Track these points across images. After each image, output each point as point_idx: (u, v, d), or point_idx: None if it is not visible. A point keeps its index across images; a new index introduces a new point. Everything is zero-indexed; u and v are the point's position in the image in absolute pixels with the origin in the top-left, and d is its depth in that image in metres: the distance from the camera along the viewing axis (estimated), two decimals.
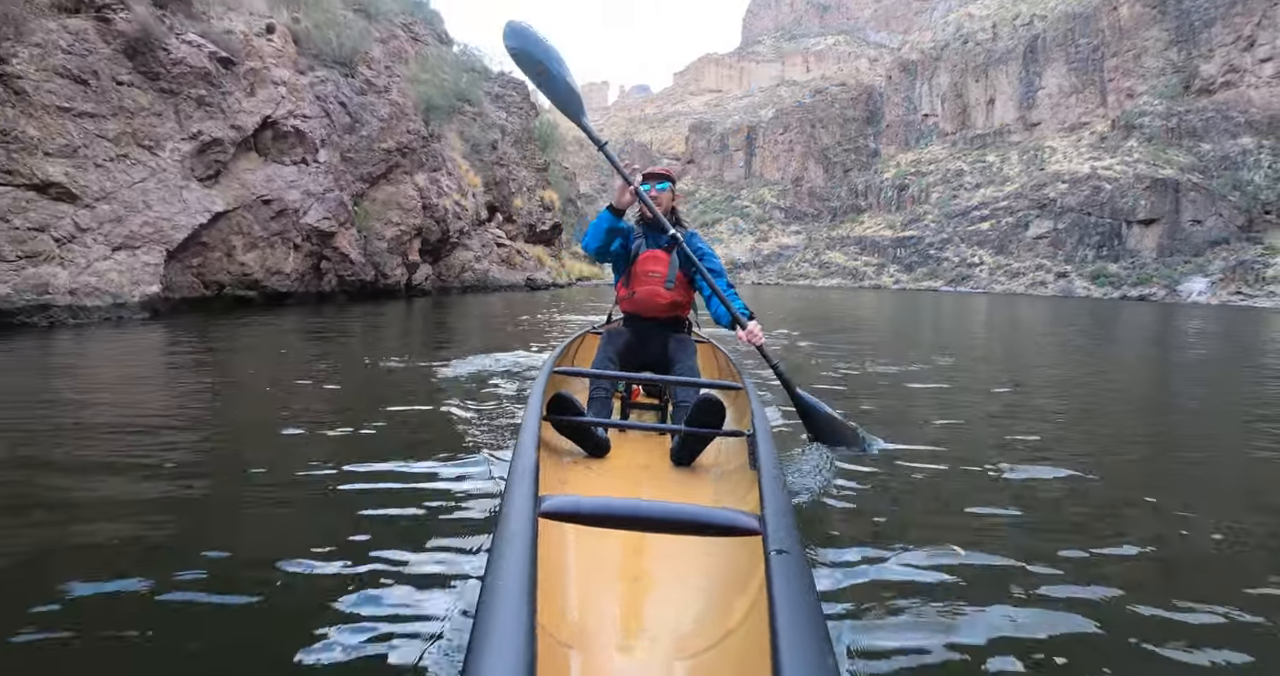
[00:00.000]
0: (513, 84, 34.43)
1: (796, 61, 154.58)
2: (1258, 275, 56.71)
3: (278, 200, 12.63)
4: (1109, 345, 11.58)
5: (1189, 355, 10.05)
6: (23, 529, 2.25)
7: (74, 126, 9.21)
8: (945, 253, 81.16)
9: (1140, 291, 62.34)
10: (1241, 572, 2.16)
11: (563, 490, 2.14)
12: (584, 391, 3.14)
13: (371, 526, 2.19)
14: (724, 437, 2.57)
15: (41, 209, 8.59)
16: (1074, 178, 74.60)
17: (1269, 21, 71.90)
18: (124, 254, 9.47)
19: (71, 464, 2.96)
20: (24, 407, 4.05)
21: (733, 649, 1.26)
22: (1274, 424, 4.79)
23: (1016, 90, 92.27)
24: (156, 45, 10.64)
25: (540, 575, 1.10)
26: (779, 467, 1.73)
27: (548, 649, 1.20)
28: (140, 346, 7.17)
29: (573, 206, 45.90)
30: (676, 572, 1.61)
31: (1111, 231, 70.01)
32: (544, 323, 11.84)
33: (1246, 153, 68.72)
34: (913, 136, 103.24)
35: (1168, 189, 68.02)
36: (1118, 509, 2.85)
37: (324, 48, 16.10)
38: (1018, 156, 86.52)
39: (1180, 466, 3.66)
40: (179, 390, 4.96)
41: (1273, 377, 7.75)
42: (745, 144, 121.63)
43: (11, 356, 6.20)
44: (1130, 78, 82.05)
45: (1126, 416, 5.19)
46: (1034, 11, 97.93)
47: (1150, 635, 1.74)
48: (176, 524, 2.30)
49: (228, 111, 11.66)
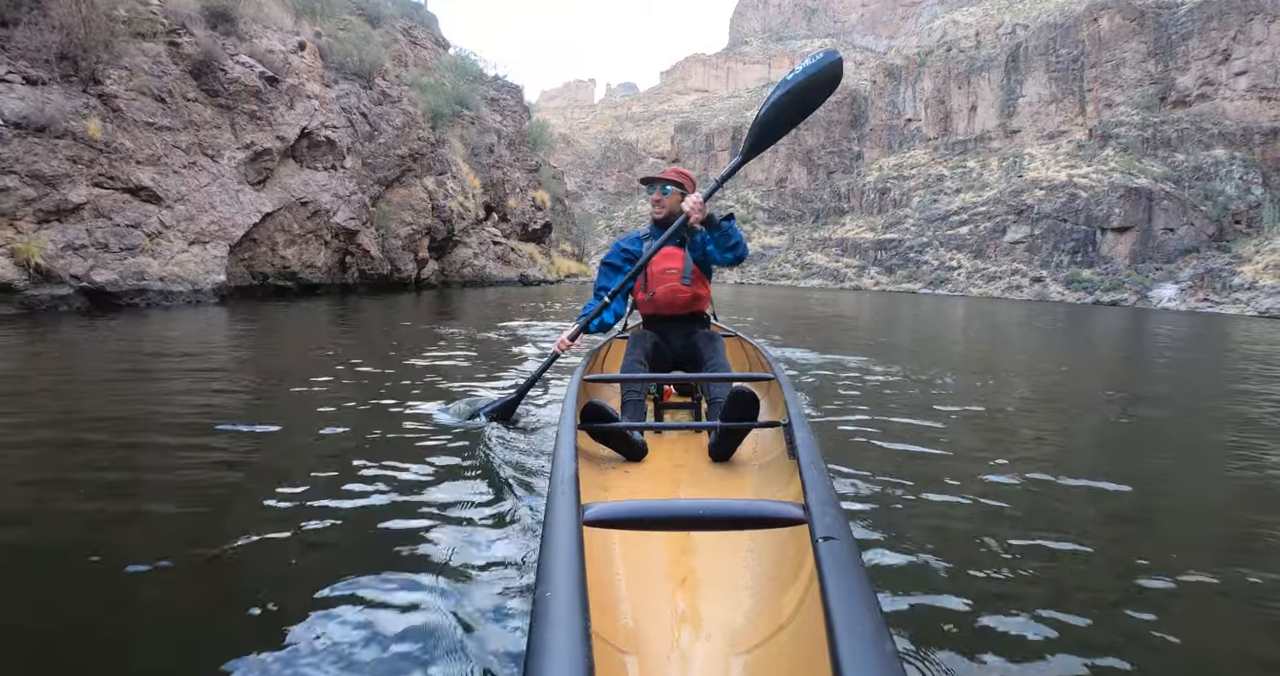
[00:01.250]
0: (507, 88, 36.25)
1: (783, 63, 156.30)
2: (1224, 283, 58.49)
3: (313, 202, 14.43)
4: (1115, 352, 11.89)
5: (1222, 372, 9.50)
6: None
7: (156, 138, 11.00)
8: (925, 256, 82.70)
9: (1112, 297, 63.75)
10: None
11: (604, 497, 2.15)
12: (616, 397, 3.17)
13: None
14: (760, 429, 2.57)
15: (135, 209, 10.38)
16: (1051, 185, 76.04)
17: (1244, 36, 73.56)
18: (197, 248, 11.27)
19: (175, 418, 3.74)
20: (144, 374, 5.13)
21: (789, 640, 1.26)
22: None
23: (998, 97, 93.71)
24: (216, 66, 12.42)
25: (590, 583, 1.11)
26: (819, 455, 1.74)
27: (604, 656, 1.19)
28: (218, 322, 9.01)
29: (561, 206, 47.55)
30: (725, 569, 1.60)
31: (1086, 238, 71.71)
32: (545, 313, 13.70)
33: (1219, 164, 70.76)
34: (896, 141, 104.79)
35: (1141, 197, 69.79)
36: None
37: (345, 61, 17.88)
38: (997, 163, 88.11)
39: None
40: (252, 365, 5.92)
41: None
42: (731, 144, 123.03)
43: (129, 327, 8.02)
44: (1109, 88, 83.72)
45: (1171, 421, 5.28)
46: (1017, 21, 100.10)
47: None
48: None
49: (274, 123, 13.45)
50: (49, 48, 9.72)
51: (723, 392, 2.90)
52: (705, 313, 3.49)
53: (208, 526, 2.31)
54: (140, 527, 2.33)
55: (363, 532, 2.31)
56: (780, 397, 2.66)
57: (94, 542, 2.17)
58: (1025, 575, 2.01)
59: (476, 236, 25.72)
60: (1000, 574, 2.01)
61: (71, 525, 2.35)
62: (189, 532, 2.26)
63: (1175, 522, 2.77)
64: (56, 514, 2.47)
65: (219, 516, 2.41)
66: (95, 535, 2.24)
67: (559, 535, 1.21)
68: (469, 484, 2.82)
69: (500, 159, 29.74)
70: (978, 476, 3.01)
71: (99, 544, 2.16)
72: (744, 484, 2.33)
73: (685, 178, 3.40)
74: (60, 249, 9.03)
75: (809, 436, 1.91)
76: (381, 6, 30.45)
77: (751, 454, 2.60)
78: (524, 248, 32.65)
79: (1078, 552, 2.21)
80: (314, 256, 14.68)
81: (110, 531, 2.30)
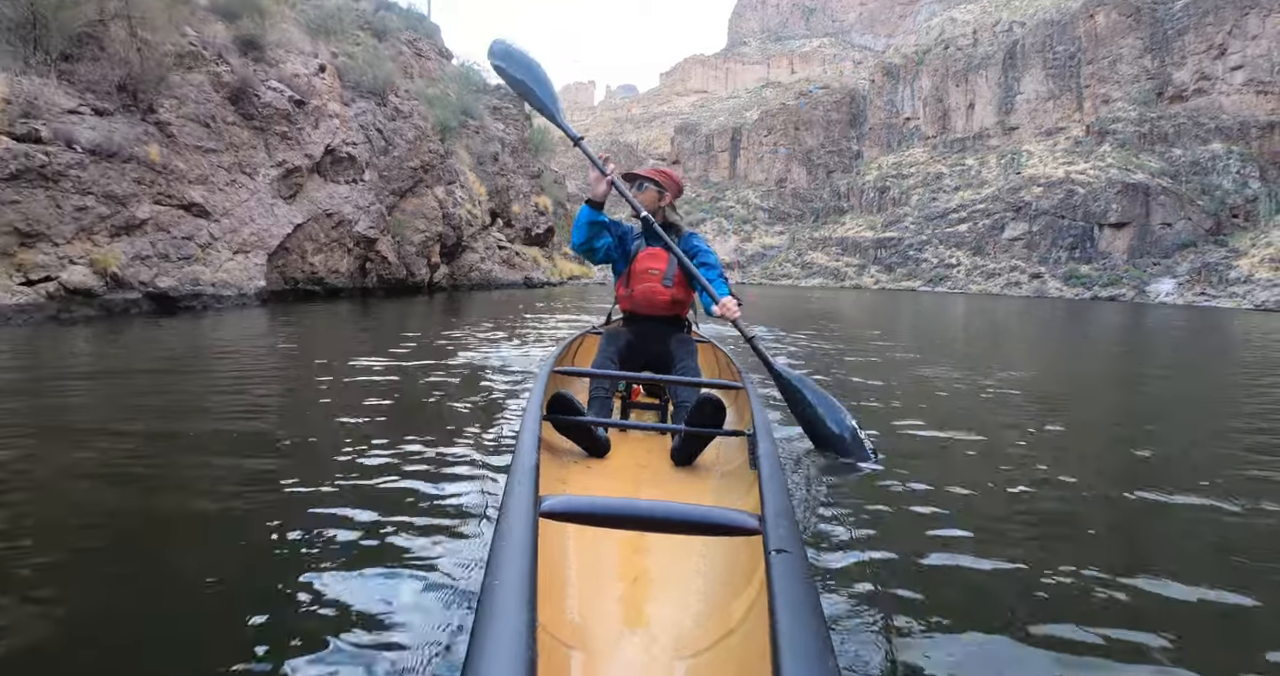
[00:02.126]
0: (509, 97, 37.56)
1: (782, 63, 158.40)
2: (1220, 276, 59.30)
3: (336, 213, 15.85)
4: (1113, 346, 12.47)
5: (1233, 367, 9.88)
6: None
7: (204, 160, 12.44)
8: (924, 254, 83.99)
9: (1110, 292, 64.73)
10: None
11: (563, 490, 2.15)
12: (584, 391, 3.20)
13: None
14: (724, 437, 2.60)
15: (189, 223, 11.82)
16: (1049, 181, 77.25)
17: (1239, 31, 74.58)
18: (241, 257, 12.71)
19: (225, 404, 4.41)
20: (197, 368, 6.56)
21: (733, 648, 1.27)
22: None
23: (996, 95, 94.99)
24: (251, 93, 13.85)
25: (540, 575, 1.12)
26: (779, 467, 1.77)
27: (548, 649, 1.20)
28: (261, 322, 10.43)
29: (562, 209, 48.92)
30: (677, 572, 1.62)
31: (1084, 234, 72.80)
32: (542, 311, 15.10)
33: (1216, 158, 71.61)
34: (894, 139, 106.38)
35: (1139, 193, 70.78)
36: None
37: (360, 80, 19.31)
38: (995, 160, 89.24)
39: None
40: (277, 366, 6.61)
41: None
42: (730, 145, 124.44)
43: (190, 326, 9.45)
44: (1106, 84, 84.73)
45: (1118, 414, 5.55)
46: (1014, 18, 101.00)
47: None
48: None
49: (302, 143, 14.89)
50: (109, 80, 11.16)
51: (690, 397, 2.92)
52: (685, 318, 3.53)
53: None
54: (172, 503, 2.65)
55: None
56: (747, 407, 2.70)
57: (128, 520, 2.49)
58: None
59: (483, 241, 27.14)
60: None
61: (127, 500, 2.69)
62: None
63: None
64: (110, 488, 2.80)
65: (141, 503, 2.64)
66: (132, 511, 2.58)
67: (513, 525, 1.23)
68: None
69: (504, 166, 31.18)
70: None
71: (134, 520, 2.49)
72: (703, 489, 2.35)
73: (666, 177, 3.47)
74: (130, 259, 10.46)
75: (771, 448, 1.95)
76: (387, 20, 31.89)
77: (714, 460, 2.64)
78: (528, 251, 34.05)
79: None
80: (338, 263, 16.09)
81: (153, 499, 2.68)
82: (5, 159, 8.99)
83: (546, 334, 9.66)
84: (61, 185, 9.64)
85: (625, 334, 3.42)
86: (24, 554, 2.17)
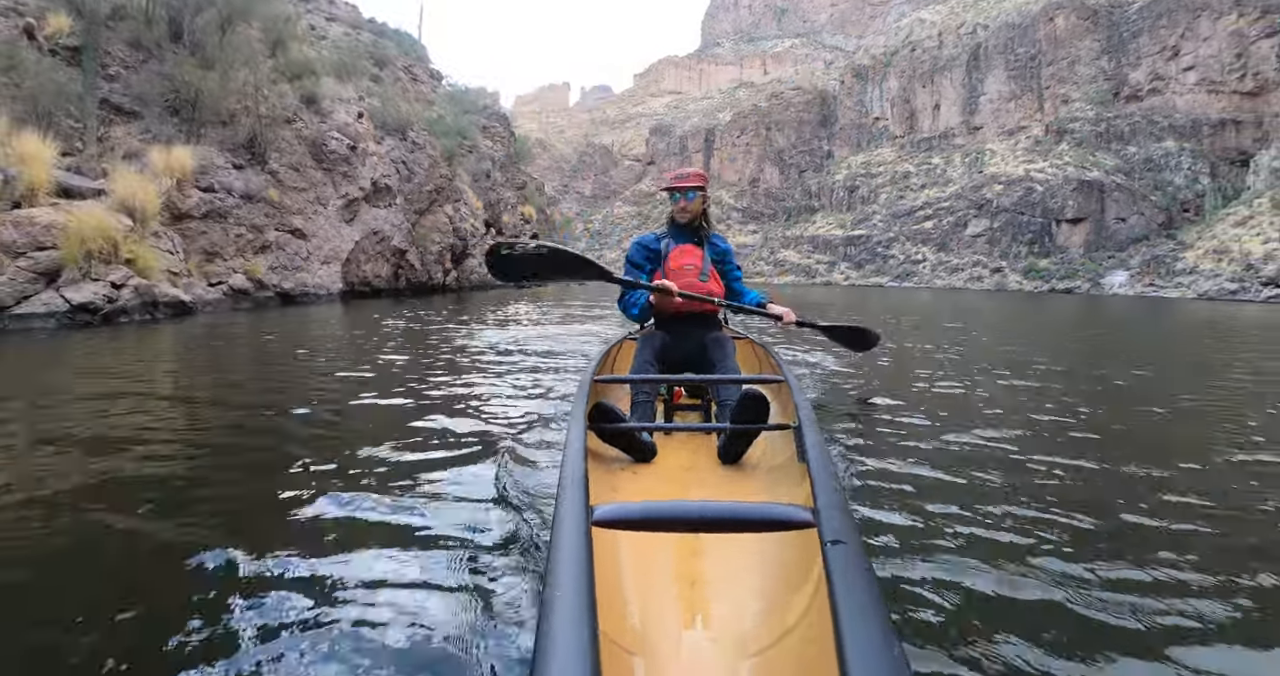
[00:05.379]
0: (496, 117, 43.10)
1: (755, 64, 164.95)
2: (1168, 268, 62.33)
3: (379, 231, 21.23)
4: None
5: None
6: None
7: (299, 196, 17.79)
8: (891, 250, 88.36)
9: (1067, 285, 67.52)
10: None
11: (613, 497, 2.22)
12: (626, 398, 3.30)
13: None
14: (770, 432, 2.66)
15: (293, 243, 17.17)
16: (1009, 179, 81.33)
17: (1191, 33, 78.06)
18: (326, 266, 18.08)
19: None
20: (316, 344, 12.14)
21: (796, 644, 1.29)
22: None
23: (960, 95, 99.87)
24: (321, 143, 19.20)
25: (598, 583, 1.16)
26: (828, 459, 1.82)
27: (611, 656, 1.22)
28: (337, 312, 15.80)
29: (544, 215, 54.05)
30: (734, 571, 1.65)
31: (1042, 229, 76.30)
32: (543, 305, 20.50)
33: (1169, 155, 75.22)
34: (864, 139, 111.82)
35: (1094, 190, 74.35)
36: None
37: (386, 120, 24.66)
38: (960, 159, 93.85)
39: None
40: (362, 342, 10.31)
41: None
42: (704, 146, 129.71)
43: (294, 319, 14.82)
44: (1065, 84, 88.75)
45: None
46: (978, 20, 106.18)
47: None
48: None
49: (356, 178, 20.25)
50: (237, 141, 16.47)
51: (733, 395, 2.99)
52: (718, 313, 3.65)
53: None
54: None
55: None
56: (790, 400, 2.78)
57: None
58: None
59: (480, 248, 32.49)
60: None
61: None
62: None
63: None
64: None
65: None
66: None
67: (567, 535, 1.29)
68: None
69: (495, 182, 36.61)
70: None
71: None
72: (753, 486, 2.39)
73: (705, 179, 3.63)
74: (267, 269, 15.82)
75: (819, 439, 2.01)
76: (386, 48, 36.97)
77: (761, 456, 2.67)
78: None
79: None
80: (380, 269, 21.46)
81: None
82: (200, 205, 14.37)
83: (555, 324, 13.98)
84: (227, 220, 15.03)
85: (661, 336, 3.50)
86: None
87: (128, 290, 10.98)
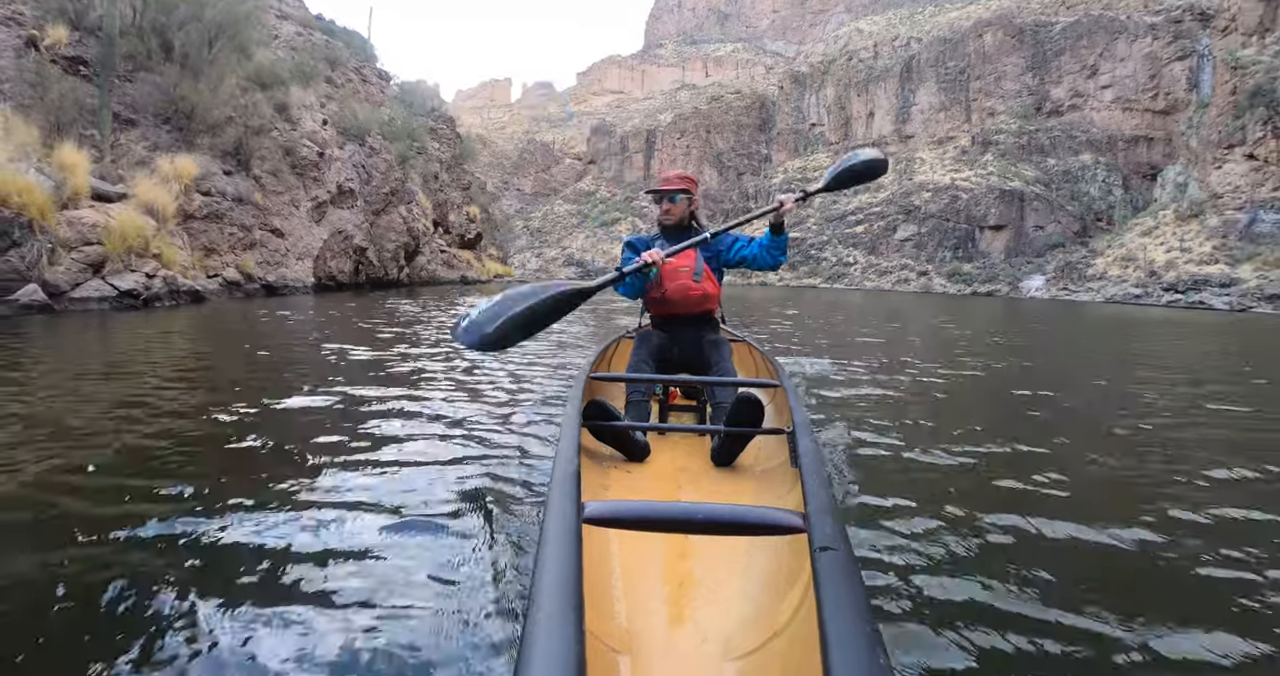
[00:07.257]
0: (443, 119, 45.57)
1: (697, 66, 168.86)
2: (1080, 274, 66.73)
3: (343, 231, 23.82)
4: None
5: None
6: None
7: (276, 199, 20.36)
8: (825, 253, 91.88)
9: (988, 288, 71.15)
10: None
11: (604, 495, 2.24)
12: (622, 396, 3.34)
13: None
14: (764, 436, 2.70)
15: (274, 240, 19.75)
16: (936, 187, 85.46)
17: (1110, 53, 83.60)
18: (299, 262, 20.68)
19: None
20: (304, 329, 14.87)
21: (782, 648, 1.31)
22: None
23: (893, 105, 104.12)
24: (295, 150, 21.74)
25: (586, 581, 1.16)
26: (821, 464, 1.83)
27: (597, 655, 1.24)
28: (317, 303, 18.47)
29: (487, 214, 56.40)
30: (722, 573, 1.67)
31: (966, 236, 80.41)
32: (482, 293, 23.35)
33: (1085, 168, 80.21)
34: (801, 144, 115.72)
35: (1015, 199, 78.70)
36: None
37: (347, 127, 27.15)
38: (892, 166, 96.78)
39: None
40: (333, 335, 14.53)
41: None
42: (645, 146, 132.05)
43: (283, 307, 17.49)
44: (991, 98, 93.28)
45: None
46: (912, 34, 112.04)
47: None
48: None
49: (324, 182, 22.84)
50: (224, 149, 18.95)
51: (728, 397, 3.01)
52: (714, 314, 3.70)
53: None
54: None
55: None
56: (786, 405, 2.82)
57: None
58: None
59: (429, 247, 35.08)
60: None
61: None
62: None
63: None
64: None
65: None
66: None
67: (557, 532, 1.29)
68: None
69: (443, 183, 39.22)
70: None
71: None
72: (745, 489, 2.42)
73: (690, 182, 3.64)
74: (255, 264, 18.37)
75: (812, 445, 2.04)
76: (337, 50, 38.85)
77: (754, 460, 2.72)
78: (462, 254, 42.12)
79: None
80: (343, 265, 24.04)
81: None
82: (202, 207, 16.93)
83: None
84: (223, 220, 17.58)
85: (658, 336, 3.58)
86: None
87: (158, 280, 13.58)
